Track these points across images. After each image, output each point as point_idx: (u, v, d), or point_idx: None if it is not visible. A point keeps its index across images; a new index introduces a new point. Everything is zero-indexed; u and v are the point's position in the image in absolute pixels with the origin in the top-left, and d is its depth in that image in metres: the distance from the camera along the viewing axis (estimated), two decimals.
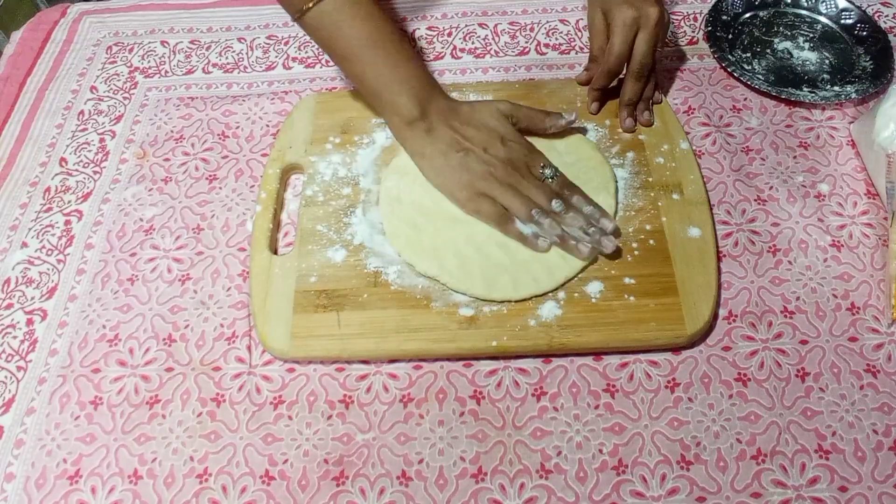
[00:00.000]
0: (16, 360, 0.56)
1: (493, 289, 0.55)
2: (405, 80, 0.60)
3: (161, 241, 0.62)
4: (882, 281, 0.57)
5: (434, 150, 0.60)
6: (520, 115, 0.62)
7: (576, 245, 0.56)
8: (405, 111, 0.60)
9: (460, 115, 0.61)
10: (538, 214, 0.56)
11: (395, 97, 0.60)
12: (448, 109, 0.61)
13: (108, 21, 0.81)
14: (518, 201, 0.57)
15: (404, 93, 0.60)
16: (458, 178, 0.59)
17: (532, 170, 0.59)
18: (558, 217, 0.57)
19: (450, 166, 0.59)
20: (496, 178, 0.58)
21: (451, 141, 0.60)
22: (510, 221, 0.57)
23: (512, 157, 0.59)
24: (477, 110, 0.62)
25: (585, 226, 0.56)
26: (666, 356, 0.54)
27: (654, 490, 0.48)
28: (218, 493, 0.49)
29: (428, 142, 0.60)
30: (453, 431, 0.51)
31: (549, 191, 0.58)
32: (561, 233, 0.56)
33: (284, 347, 0.53)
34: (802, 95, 0.68)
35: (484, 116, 0.61)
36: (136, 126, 0.71)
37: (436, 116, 0.60)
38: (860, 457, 0.49)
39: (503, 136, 0.60)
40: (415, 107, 0.60)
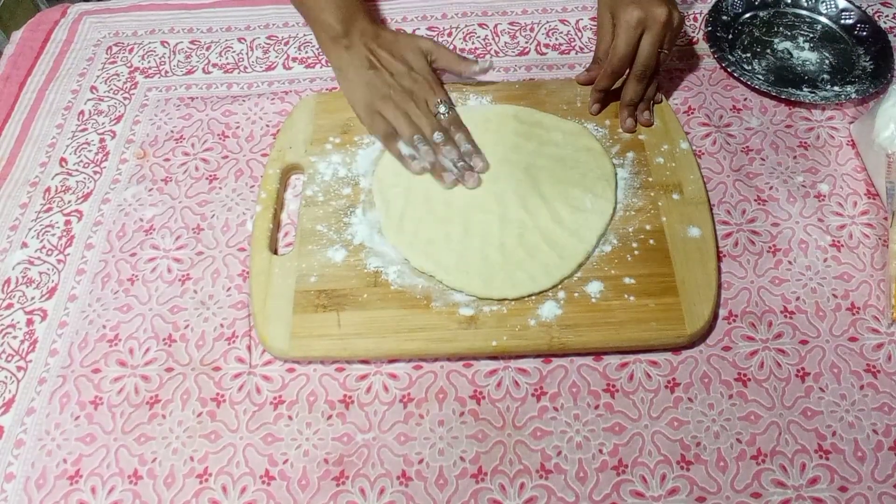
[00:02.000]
0: (16, 360, 0.56)
1: (491, 287, 0.55)
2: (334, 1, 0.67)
3: (161, 241, 0.62)
4: (882, 281, 0.57)
5: (349, 65, 0.67)
6: (439, 54, 0.67)
7: (443, 175, 0.62)
8: (330, 29, 0.68)
9: (380, 39, 0.68)
10: (419, 140, 0.63)
11: (322, 14, 0.68)
12: (370, 31, 0.68)
13: (108, 21, 0.81)
14: (405, 124, 0.63)
15: (330, 11, 0.67)
16: (361, 94, 0.66)
17: (428, 102, 0.65)
18: (437, 147, 0.63)
19: (359, 81, 0.66)
20: (392, 101, 0.64)
21: (365, 59, 0.66)
22: (394, 140, 0.63)
23: (412, 87, 0.65)
24: (398, 41, 0.68)
25: (457, 160, 0.62)
26: (666, 356, 0.54)
27: (654, 490, 0.48)
28: (218, 493, 0.49)
29: (345, 57, 0.67)
30: (453, 431, 0.51)
31: (436, 124, 0.64)
32: (434, 160, 0.62)
33: (284, 347, 0.53)
34: (802, 95, 0.68)
35: (402, 47, 0.67)
36: (136, 126, 0.71)
37: (357, 35, 0.67)
38: (860, 457, 0.49)
39: (413, 67, 0.67)
40: (338, 24, 0.67)
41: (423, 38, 0.68)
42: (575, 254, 0.57)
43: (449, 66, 0.67)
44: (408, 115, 0.64)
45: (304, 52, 0.77)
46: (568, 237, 0.57)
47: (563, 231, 0.58)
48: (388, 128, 0.64)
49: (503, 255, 0.57)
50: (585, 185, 0.61)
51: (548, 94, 0.69)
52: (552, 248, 0.57)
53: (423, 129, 0.63)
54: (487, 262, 0.56)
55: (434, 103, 0.65)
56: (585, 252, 0.57)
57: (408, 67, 0.66)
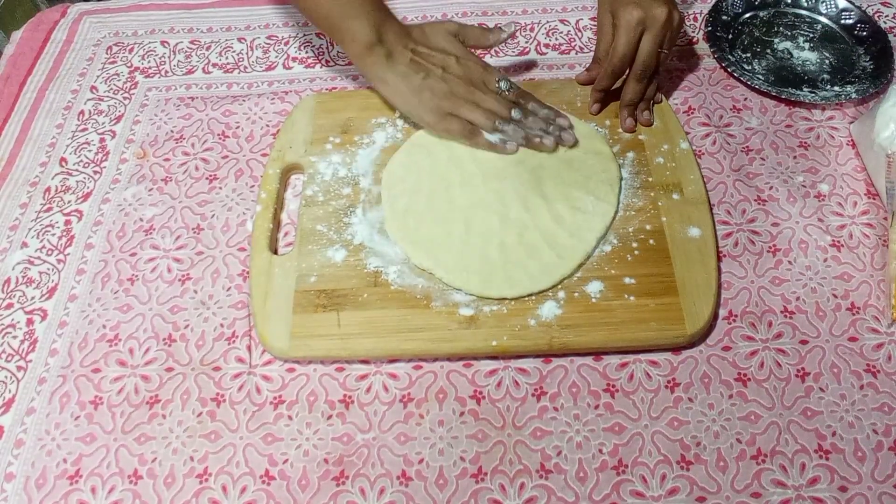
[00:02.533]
0: (16, 360, 0.56)
1: (490, 286, 0.55)
2: (359, 6, 0.62)
3: (161, 241, 0.62)
4: (882, 281, 0.57)
5: (395, 75, 0.62)
6: (467, 33, 0.65)
7: (541, 140, 0.61)
8: (362, 36, 0.61)
9: (414, 37, 0.64)
10: (502, 123, 0.61)
11: (351, 23, 0.62)
12: (402, 32, 0.64)
13: (108, 21, 0.81)
14: (482, 115, 0.61)
15: (360, 17, 0.61)
16: (423, 101, 0.62)
17: (488, 84, 0.63)
18: (519, 123, 0.62)
19: (412, 89, 0.62)
20: (459, 96, 0.62)
21: (410, 63, 0.62)
22: (478, 134, 0.62)
23: (469, 75, 0.63)
24: (428, 32, 0.64)
25: (545, 126, 0.62)
26: (666, 356, 0.54)
27: (654, 490, 0.48)
28: (218, 493, 0.49)
29: (388, 67, 0.62)
30: (453, 431, 0.51)
31: (507, 101, 0.63)
32: (525, 134, 0.62)
33: (284, 347, 0.53)
34: (802, 95, 0.68)
35: (437, 38, 0.64)
36: (136, 126, 0.71)
37: (393, 40, 0.62)
38: (860, 457, 0.49)
39: (457, 55, 0.64)
40: (371, 31, 0.61)
41: (447, 22, 0.66)
42: (574, 254, 0.57)
43: (478, 42, 0.66)
44: (478, 105, 0.62)
45: (304, 52, 0.77)
46: (568, 237, 0.57)
47: (563, 231, 0.58)
48: (467, 125, 0.62)
49: (503, 254, 0.57)
50: (589, 188, 0.60)
51: (548, 93, 0.69)
52: (552, 247, 0.57)
53: (499, 111, 0.62)
54: (487, 261, 0.56)
55: (493, 82, 0.63)
56: (585, 253, 0.57)
57: (453, 56, 0.63)
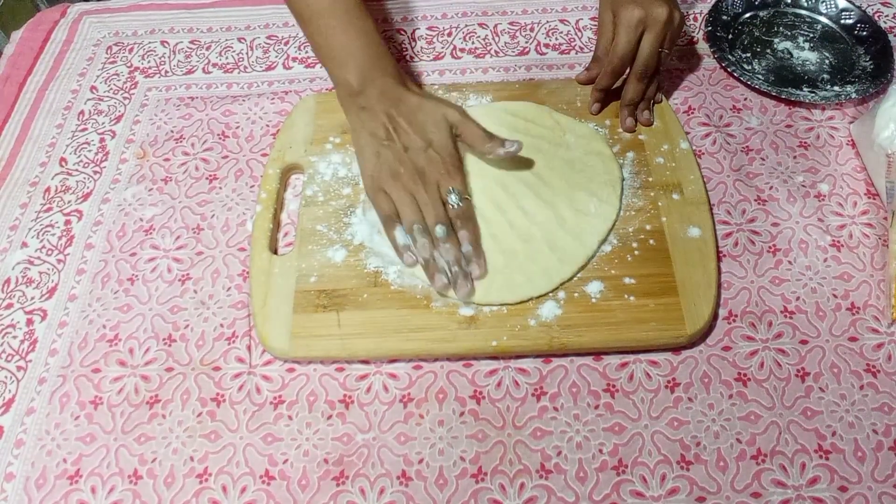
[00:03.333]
0: (16, 360, 0.56)
1: (489, 292, 0.55)
2: (352, 53, 0.61)
3: (161, 241, 0.62)
4: (882, 281, 0.57)
5: (363, 130, 0.60)
6: (465, 130, 0.59)
7: (436, 275, 0.54)
8: (346, 85, 0.61)
9: (401, 104, 0.60)
10: (418, 230, 0.56)
11: (341, 70, 0.61)
12: (392, 93, 0.60)
13: (108, 21, 0.81)
14: (408, 210, 0.56)
15: (349, 65, 0.61)
16: (369, 164, 0.59)
17: (440, 187, 0.57)
18: (436, 242, 0.56)
19: (370, 150, 0.59)
20: (401, 180, 0.57)
21: (379, 126, 0.59)
22: (393, 226, 0.57)
23: (425, 168, 0.58)
24: (422, 108, 0.59)
25: (453, 262, 0.55)
26: (666, 356, 0.54)
27: (654, 490, 0.48)
28: (218, 493, 0.49)
29: (359, 119, 0.60)
30: (453, 431, 0.51)
31: (443, 214, 0.56)
32: (428, 257, 0.55)
33: (284, 347, 0.53)
34: (802, 95, 0.68)
35: (425, 117, 0.59)
36: (136, 126, 0.71)
37: (374, 96, 0.60)
38: (860, 457, 0.49)
39: (432, 143, 0.58)
40: (356, 81, 0.60)
41: (453, 108, 0.60)
42: (575, 258, 0.56)
43: (472, 144, 0.59)
44: (414, 199, 0.56)
45: (304, 52, 0.77)
46: (570, 240, 0.57)
47: (565, 234, 0.58)
48: (391, 209, 0.57)
49: (505, 259, 0.57)
50: (591, 190, 0.60)
51: (548, 93, 0.69)
52: (553, 251, 0.57)
53: (427, 217, 0.56)
54: (492, 270, 0.56)
55: (445, 189, 0.57)
56: (586, 256, 0.57)
57: (426, 142, 0.58)
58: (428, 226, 0.56)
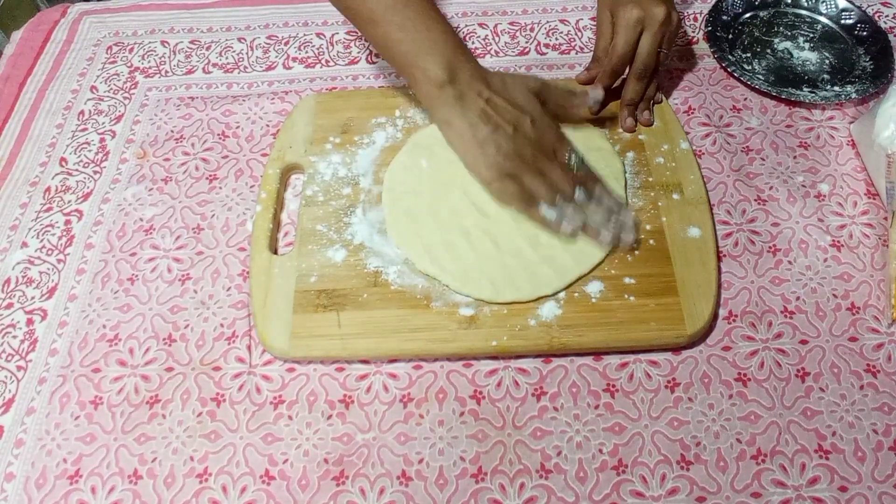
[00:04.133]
0: (16, 359, 0.56)
1: (501, 292, 0.55)
2: (434, 42, 0.57)
3: (161, 240, 0.62)
4: (882, 281, 0.57)
5: (463, 121, 0.57)
6: (549, 94, 0.60)
7: (600, 233, 0.55)
8: (434, 75, 0.56)
9: (491, 84, 0.58)
10: (562, 201, 0.56)
11: (424, 60, 0.57)
12: (479, 77, 0.58)
13: (108, 21, 0.81)
14: (544, 186, 0.56)
15: (434, 55, 0.57)
16: (485, 156, 0.56)
17: (559, 155, 0.57)
18: (580, 207, 0.56)
19: (477, 140, 0.56)
20: (524, 160, 0.56)
21: (481, 112, 0.56)
22: (534, 205, 0.56)
23: (541, 141, 0.57)
24: (508, 84, 0.59)
25: (606, 217, 0.56)
26: (666, 356, 0.54)
27: (654, 490, 0.48)
28: (218, 492, 0.49)
29: (457, 110, 0.57)
30: (453, 431, 0.51)
31: (573, 179, 0.57)
32: (584, 221, 0.56)
33: (284, 347, 0.53)
34: (802, 95, 0.68)
35: (515, 92, 0.58)
36: (136, 126, 0.71)
37: (466, 83, 0.57)
38: (860, 457, 0.49)
39: (533, 115, 0.57)
40: (444, 71, 0.56)
41: (530, 77, 0.61)
42: (590, 256, 0.56)
43: (561, 104, 0.60)
44: (543, 174, 0.56)
45: (304, 52, 0.77)
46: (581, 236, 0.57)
47: None
48: (525, 193, 0.56)
49: (517, 259, 0.56)
50: None
51: None
52: (566, 250, 0.57)
53: (563, 187, 0.56)
54: (498, 267, 0.56)
55: (564, 154, 0.58)
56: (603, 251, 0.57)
57: (528, 115, 0.57)
58: (567, 196, 0.56)
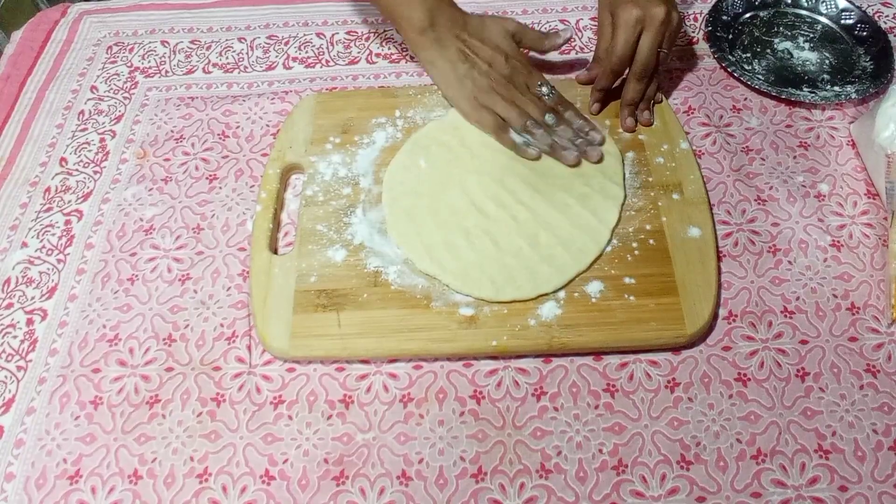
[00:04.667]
0: (16, 359, 0.56)
1: (502, 290, 0.55)
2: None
3: (161, 240, 0.62)
4: (882, 281, 0.57)
5: (443, 61, 0.65)
6: (524, 35, 0.67)
7: (564, 153, 0.61)
8: (416, 21, 0.65)
9: (469, 26, 0.66)
10: (532, 125, 0.62)
11: (407, 9, 0.65)
12: (457, 20, 0.66)
13: (108, 21, 0.81)
14: (515, 113, 0.63)
15: (416, 4, 0.65)
16: (464, 90, 0.64)
17: (530, 86, 0.65)
18: (550, 129, 0.63)
19: (456, 77, 0.64)
20: (497, 92, 0.63)
21: (458, 52, 0.65)
22: (506, 131, 0.63)
23: (513, 74, 0.65)
24: (486, 25, 0.66)
25: (574, 137, 0.63)
26: (666, 356, 0.54)
27: (654, 490, 0.48)
28: (218, 492, 0.49)
29: (437, 52, 0.65)
30: (453, 431, 0.51)
31: (544, 106, 0.64)
32: (551, 142, 0.62)
33: (284, 347, 0.53)
34: (802, 95, 0.68)
35: (491, 33, 0.66)
36: (136, 126, 0.71)
37: (444, 27, 0.65)
38: (860, 457, 0.49)
39: (507, 53, 0.65)
40: (425, 17, 0.65)
41: (508, 20, 0.67)
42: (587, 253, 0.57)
43: (534, 45, 0.67)
44: (515, 104, 0.63)
45: (304, 52, 0.77)
46: (580, 235, 0.57)
47: (576, 230, 0.58)
48: (497, 120, 0.63)
49: (516, 258, 0.57)
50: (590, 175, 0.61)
51: None
52: (566, 249, 0.57)
53: (533, 113, 0.63)
54: (498, 266, 0.56)
55: (535, 86, 0.65)
56: (599, 248, 0.57)
57: (502, 54, 0.65)
58: (537, 120, 0.63)
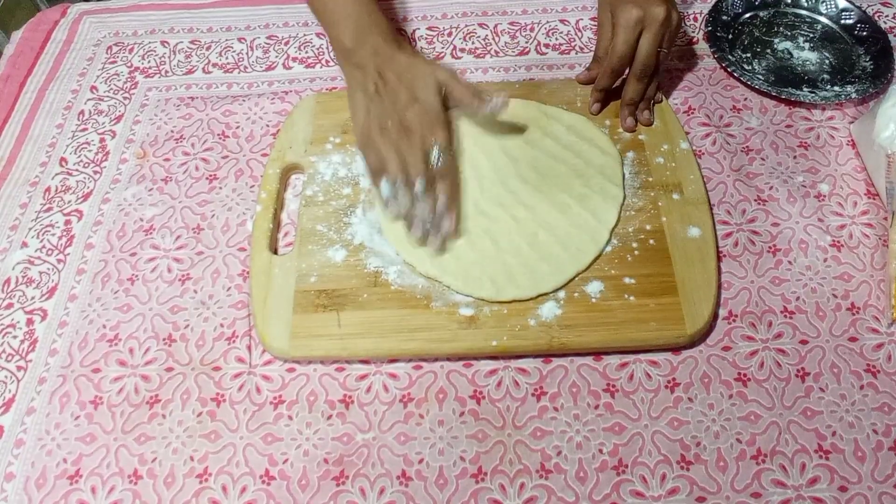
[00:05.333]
0: (16, 359, 0.56)
1: (502, 290, 0.55)
2: (350, 15, 0.64)
3: (161, 241, 0.62)
4: (882, 281, 0.57)
5: (356, 86, 0.63)
6: (453, 88, 0.61)
7: (412, 225, 0.58)
8: (340, 43, 0.65)
9: (393, 62, 0.62)
10: (399, 185, 0.58)
11: (334, 28, 0.65)
12: (384, 51, 0.63)
13: (108, 21, 0.81)
14: (394, 163, 0.58)
15: (347, 27, 0.64)
16: (361, 119, 0.62)
17: (424, 143, 0.59)
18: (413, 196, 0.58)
19: (360, 104, 0.62)
20: (388, 135, 0.59)
21: (370, 83, 0.62)
22: (380, 176, 0.59)
23: (411, 123, 0.59)
24: (411, 67, 0.62)
25: (428, 218, 0.58)
26: (666, 356, 0.54)
27: (654, 490, 0.48)
28: (218, 492, 0.49)
29: (353, 76, 0.64)
30: (453, 431, 0.51)
31: (424, 170, 0.58)
32: (408, 210, 0.58)
33: (284, 347, 0.53)
34: (802, 95, 0.68)
35: (413, 75, 0.61)
36: (136, 126, 0.71)
37: (368, 54, 0.63)
38: (860, 457, 0.49)
39: (419, 99, 0.60)
40: (350, 41, 0.64)
41: (442, 68, 0.62)
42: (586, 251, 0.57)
43: (462, 102, 0.62)
44: (400, 153, 0.58)
45: (304, 52, 0.77)
46: (579, 234, 0.57)
47: (574, 229, 0.58)
48: (379, 162, 0.59)
49: (517, 258, 0.57)
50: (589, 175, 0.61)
51: (548, 93, 0.69)
52: (565, 248, 0.57)
53: (410, 171, 0.58)
54: (499, 266, 0.56)
55: (428, 144, 0.58)
56: (598, 247, 0.57)
57: (413, 99, 0.60)
58: (409, 179, 0.58)
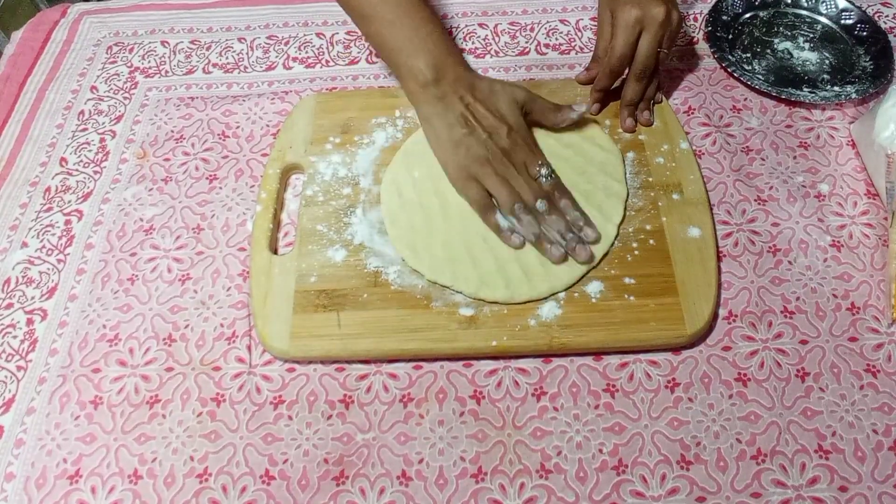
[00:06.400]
0: (16, 359, 0.56)
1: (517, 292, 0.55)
2: (423, 42, 0.60)
3: (161, 240, 0.62)
4: (882, 281, 0.57)
5: (441, 121, 0.60)
6: (534, 107, 0.62)
7: (549, 248, 0.56)
8: (420, 75, 0.60)
9: (475, 90, 0.60)
10: (520, 209, 0.57)
11: (412, 59, 0.60)
12: (464, 80, 0.61)
13: (108, 21, 0.81)
14: (505, 192, 0.57)
15: (421, 55, 0.60)
16: (455, 156, 0.59)
17: (528, 167, 0.59)
18: (540, 217, 0.57)
19: (451, 141, 0.59)
20: (491, 166, 0.58)
21: (459, 115, 0.59)
22: (492, 211, 0.58)
23: (512, 150, 0.59)
24: (494, 91, 0.61)
25: (565, 230, 0.56)
26: (666, 356, 0.54)
27: (654, 490, 0.48)
28: (218, 492, 0.49)
29: (437, 110, 0.60)
30: (453, 431, 0.51)
31: (539, 189, 0.58)
32: (538, 232, 0.56)
33: (284, 347, 0.53)
34: (802, 95, 0.68)
35: (499, 99, 0.60)
36: (136, 126, 0.71)
37: (450, 85, 0.60)
38: (860, 457, 0.49)
39: (511, 125, 0.60)
40: (430, 71, 0.60)
41: (519, 88, 0.62)
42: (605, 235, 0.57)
43: (542, 118, 0.62)
44: (507, 182, 0.57)
45: (304, 52, 0.77)
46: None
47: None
48: (485, 196, 0.58)
49: (527, 258, 0.57)
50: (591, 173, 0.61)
51: (548, 94, 0.68)
52: None
53: (524, 195, 0.57)
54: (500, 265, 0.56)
55: (534, 167, 0.58)
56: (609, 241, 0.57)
57: (506, 125, 0.59)
58: (527, 204, 0.57)
